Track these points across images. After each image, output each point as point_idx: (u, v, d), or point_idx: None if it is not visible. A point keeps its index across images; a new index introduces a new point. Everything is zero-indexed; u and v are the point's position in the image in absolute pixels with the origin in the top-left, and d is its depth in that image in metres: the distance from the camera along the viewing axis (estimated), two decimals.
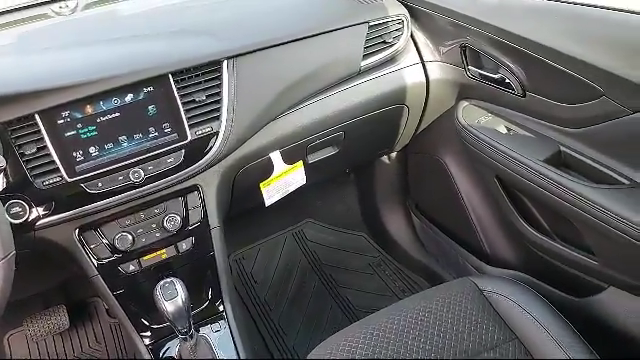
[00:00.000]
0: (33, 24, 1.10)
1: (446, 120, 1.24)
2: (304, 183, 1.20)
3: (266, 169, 1.12)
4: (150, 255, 1.00)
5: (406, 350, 0.87)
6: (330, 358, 0.87)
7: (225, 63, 0.95)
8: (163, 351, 1.06)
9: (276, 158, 1.11)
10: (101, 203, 0.90)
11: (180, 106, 0.91)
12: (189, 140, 0.93)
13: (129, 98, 0.88)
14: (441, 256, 1.55)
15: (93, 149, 0.88)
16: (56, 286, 1.47)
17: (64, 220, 0.89)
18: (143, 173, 0.91)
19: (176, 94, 0.91)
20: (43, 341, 1.48)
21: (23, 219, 0.84)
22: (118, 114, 0.88)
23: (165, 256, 1.01)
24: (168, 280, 0.92)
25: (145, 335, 1.06)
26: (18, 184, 0.83)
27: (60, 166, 0.85)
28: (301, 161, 1.18)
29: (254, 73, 0.99)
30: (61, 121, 0.84)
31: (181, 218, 1.00)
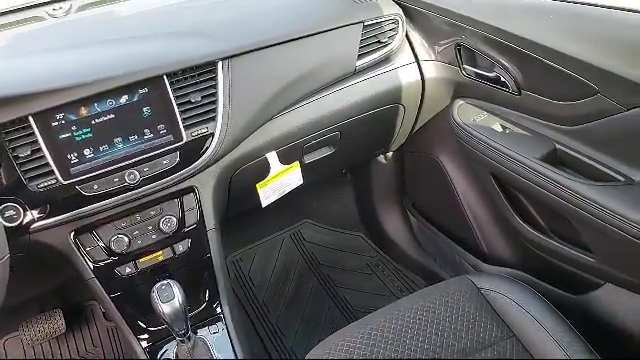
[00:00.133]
0: (27, 26, 1.09)
1: (442, 119, 1.24)
2: (301, 183, 1.20)
3: (262, 170, 1.11)
4: (146, 257, 1.00)
5: (404, 349, 0.87)
6: (328, 358, 0.87)
7: (220, 64, 0.95)
8: (160, 354, 1.06)
9: (272, 158, 1.11)
10: (96, 205, 0.90)
11: (175, 107, 0.91)
12: (185, 141, 0.93)
13: (124, 100, 0.88)
14: (438, 255, 1.55)
15: (88, 151, 0.87)
16: (52, 290, 1.46)
17: (59, 223, 0.89)
18: (139, 175, 0.90)
19: (171, 95, 0.91)
20: (39, 346, 1.47)
21: (17, 222, 0.84)
22: (113, 116, 0.88)
23: (161, 258, 1.01)
24: (165, 282, 0.92)
25: (142, 338, 1.06)
26: (12, 187, 0.83)
27: (55, 168, 0.84)
28: (297, 161, 1.18)
29: (249, 73, 0.98)
30: (55, 123, 0.84)
31: (177, 220, 0.99)
